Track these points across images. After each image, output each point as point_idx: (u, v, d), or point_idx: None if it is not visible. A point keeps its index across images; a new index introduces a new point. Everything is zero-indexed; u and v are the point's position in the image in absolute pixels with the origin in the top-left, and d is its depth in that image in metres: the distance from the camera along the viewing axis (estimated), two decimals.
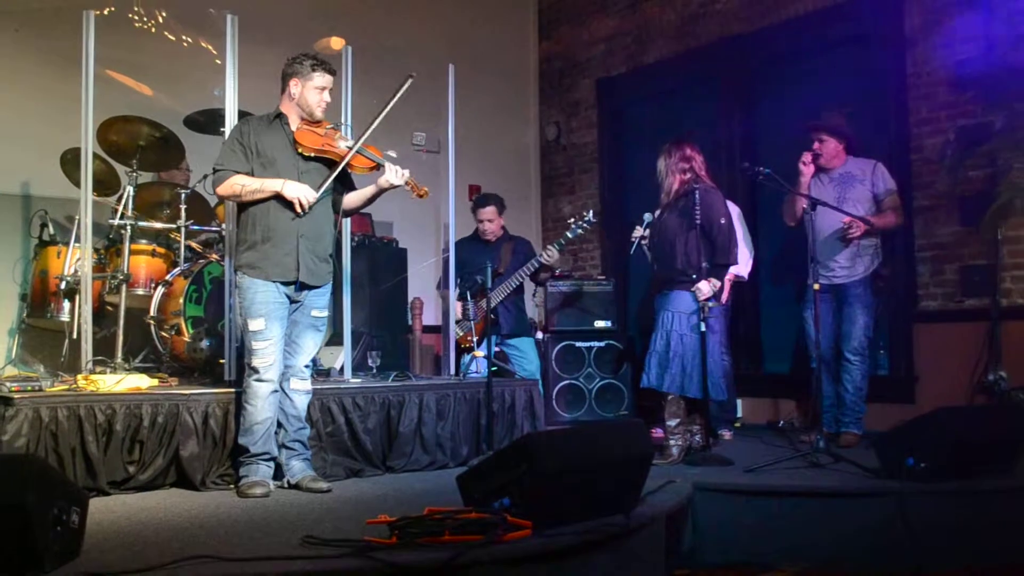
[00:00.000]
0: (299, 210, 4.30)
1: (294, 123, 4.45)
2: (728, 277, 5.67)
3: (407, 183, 4.45)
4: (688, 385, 5.07)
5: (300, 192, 4.29)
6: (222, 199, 4.23)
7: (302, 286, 4.41)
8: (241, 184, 4.30)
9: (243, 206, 4.40)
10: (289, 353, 4.43)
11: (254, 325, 4.27)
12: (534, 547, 3.11)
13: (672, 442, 5.14)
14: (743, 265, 6.06)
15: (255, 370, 4.28)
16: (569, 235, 6.23)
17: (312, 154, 4.40)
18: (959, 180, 6.05)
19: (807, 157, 5.77)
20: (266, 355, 4.28)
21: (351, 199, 4.65)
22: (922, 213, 6.28)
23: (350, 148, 4.42)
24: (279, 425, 4.44)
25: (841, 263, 5.66)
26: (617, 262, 8.30)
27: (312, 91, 4.41)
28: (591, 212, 6.25)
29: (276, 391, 4.36)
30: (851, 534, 4.17)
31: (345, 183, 4.63)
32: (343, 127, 4.75)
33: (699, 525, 4.29)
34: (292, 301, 4.43)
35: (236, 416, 4.52)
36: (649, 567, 3.65)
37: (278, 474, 4.47)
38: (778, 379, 7.12)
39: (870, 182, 5.73)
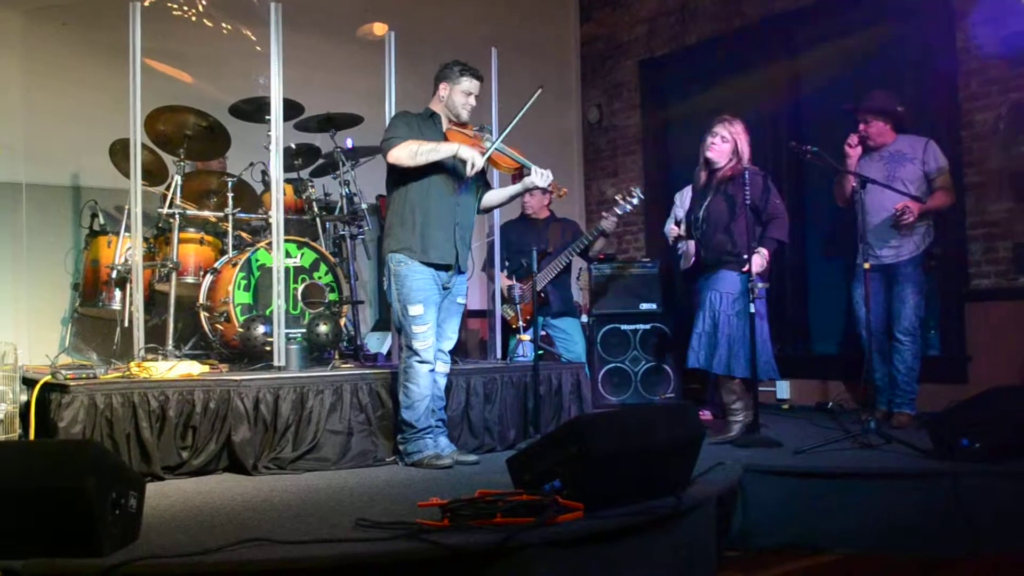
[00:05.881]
0: (469, 172, 4.46)
1: (444, 123, 4.70)
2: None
3: (550, 185, 4.70)
4: (735, 365, 5.06)
5: (473, 154, 4.46)
6: (393, 166, 4.48)
7: (450, 272, 4.62)
8: (417, 144, 4.44)
9: (399, 189, 4.58)
10: (436, 337, 4.62)
11: (414, 310, 4.49)
12: (585, 529, 3.11)
13: (733, 419, 5.15)
14: None
15: (415, 352, 4.50)
16: (619, 212, 6.21)
17: None
18: (1012, 155, 5.94)
19: (853, 139, 5.65)
20: (426, 338, 4.51)
21: (493, 197, 4.93)
22: (973, 190, 6.16)
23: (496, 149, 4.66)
24: None
25: (891, 243, 5.56)
26: (662, 245, 8.24)
27: (459, 94, 4.67)
28: (638, 189, 6.28)
29: (433, 370, 4.62)
30: (904, 516, 4.10)
31: (483, 183, 4.87)
32: (487, 129, 4.93)
33: (749, 507, 4.25)
34: (443, 287, 4.64)
35: (282, 401, 4.59)
36: (700, 548, 3.64)
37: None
38: (827, 360, 7.05)
39: (921, 160, 5.57)
